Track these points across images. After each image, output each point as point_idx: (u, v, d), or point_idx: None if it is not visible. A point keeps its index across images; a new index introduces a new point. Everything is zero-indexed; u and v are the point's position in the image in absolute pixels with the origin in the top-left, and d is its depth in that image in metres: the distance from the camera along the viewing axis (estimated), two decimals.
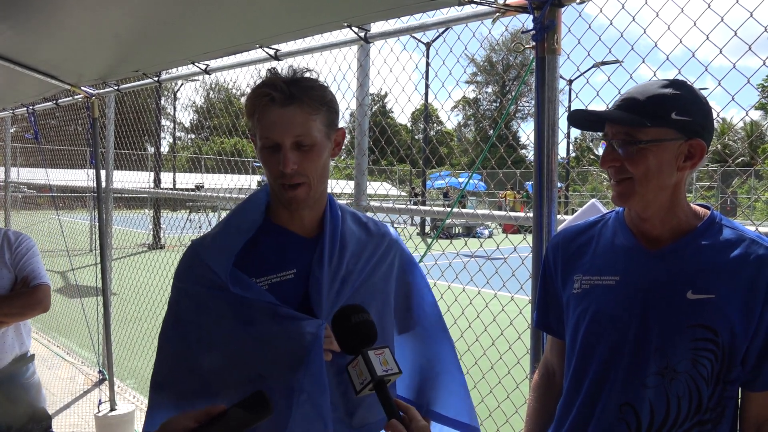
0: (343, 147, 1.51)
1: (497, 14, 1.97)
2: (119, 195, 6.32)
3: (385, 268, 1.53)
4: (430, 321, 1.64)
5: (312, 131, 1.35)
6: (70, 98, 4.86)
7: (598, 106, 1.72)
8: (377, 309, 1.47)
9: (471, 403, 1.64)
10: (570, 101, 21.44)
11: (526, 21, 1.91)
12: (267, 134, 1.34)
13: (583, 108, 1.46)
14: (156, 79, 3.97)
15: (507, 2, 1.93)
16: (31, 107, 5.42)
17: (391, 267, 1.55)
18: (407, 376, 1.64)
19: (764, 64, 1.80)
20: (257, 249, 1.42)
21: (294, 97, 1.34)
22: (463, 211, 2.67)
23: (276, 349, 1.34)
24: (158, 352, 1.44)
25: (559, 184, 1.93)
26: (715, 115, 1.40)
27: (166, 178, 19.62)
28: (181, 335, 1.41)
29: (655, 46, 2.02)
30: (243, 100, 1.44)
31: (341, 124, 1.49)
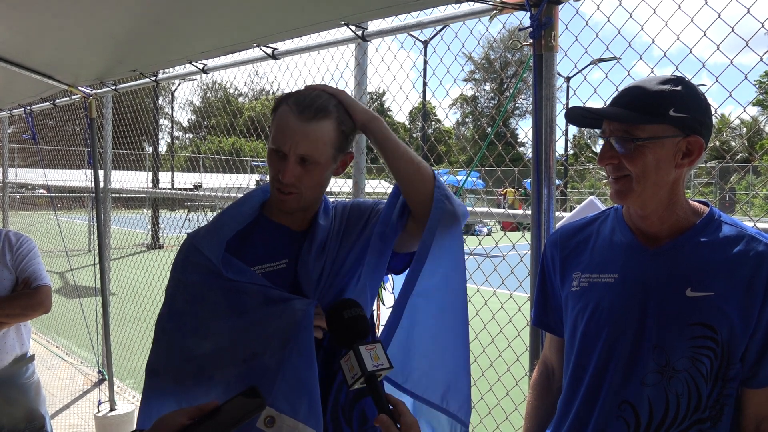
0: None
1: (494, 11, 1.97)
2: (117, 195, 6.31)
3: (351, 230, 1.56)
4: None
5: (319, 152, 1.40)
6: (68, 98, 4.85)
7: (596, 102, 1.72)
8: (359, 281, 1.50)
9: None
10: (568, 98, 21.43)
11: (523, 18, 1.91)
12: (278, 140, 1.40)
13: (581, 105, 1.46)
14: (153, 78, 3.96)
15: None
16: (28, 108, 5.41)
17: (356, 226, 1.58)
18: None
19: (761, 60, 1.80)
20: (251, 241, 1.49)
21: (316, 114, 1.38)
22: None
23: (268, 329, 1.38)
24: (155, 341, 1.49)
25: (557, 181, 1.93)
26: (712, 111, 1.40)
27: (165, 177, 19.61)
28: (177, 325, 1.45)
29: (653, 42, 2.02)
30: (241, 99, 1.48)
31: None
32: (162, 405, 1.42)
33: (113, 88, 4.37)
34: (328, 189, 1.58)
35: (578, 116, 1.40)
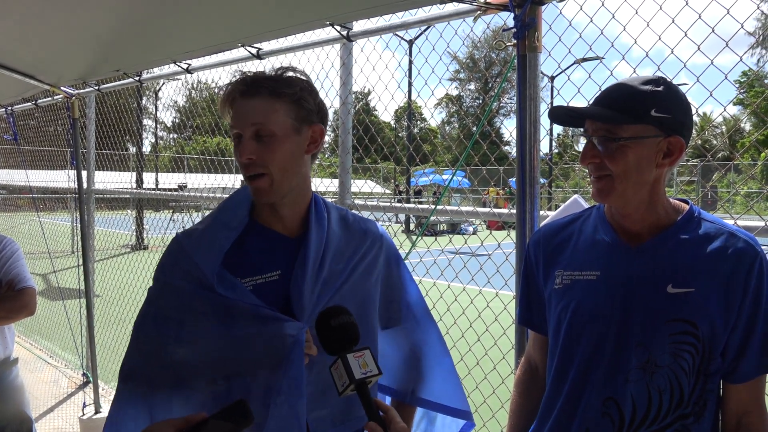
0: (327, 145, 1.53)
1: (479, 12, 1.99)
2: (101, 196, 6.26)
3: (366, 266, 1.52)
4: (416, 312, 1.66)
5: (271, 121, 1.34)
6: (50, 98, 4.80)
7: (580, 102, 1.74)
8: (357, 308, 1.47)
9: (461, 387, 1.68)
10: (552, 98, 21.55)
11: (507, 18, 1.93)
12: (232, 125, 1.37)
13: (564, 105, 1.47)
14: (137, 78, 3.93)
15: (488, 0, 1.94)
16: (9, 108, 5.35)
17: (375, 263, 1.54)
18: (396, 369, 1.66)
19: (741, 60, 1.83)
20: (243, 249, 1.42)
21: (259, 86, 1.34)
22: (448, 208, 2.68)
23: (257, 349, 1.34)
24: (132, 342, 1.42)
25: (542, 180, 1.94)
26: (693, 110, 1.42)
27: (149, 178, 19.45)
28: (159, 329, 1.39)
29: (635, 42, 2.05)
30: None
31: None
32: (136, 411, 1.38)
33: (96, 88, 4.33)
34: (313, 188, 1.53)
35: (561, 115, 1.42)
